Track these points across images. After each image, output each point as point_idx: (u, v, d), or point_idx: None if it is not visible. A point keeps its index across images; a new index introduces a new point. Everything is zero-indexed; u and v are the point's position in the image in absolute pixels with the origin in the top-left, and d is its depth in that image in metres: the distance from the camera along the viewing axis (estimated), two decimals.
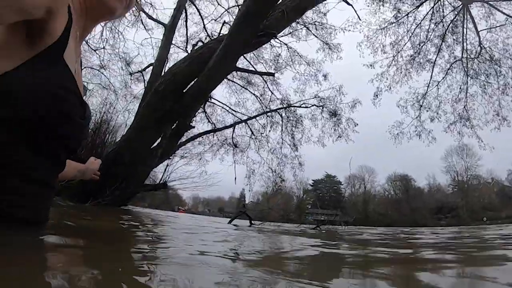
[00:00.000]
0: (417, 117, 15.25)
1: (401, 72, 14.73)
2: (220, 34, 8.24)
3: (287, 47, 13.81)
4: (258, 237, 2.79)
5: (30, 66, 0.90)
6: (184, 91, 5.98)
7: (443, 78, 14.55)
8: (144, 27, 12.58)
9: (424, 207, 49.75)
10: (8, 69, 0.87)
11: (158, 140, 7.23)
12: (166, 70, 6.86)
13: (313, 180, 61.32)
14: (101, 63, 13.20)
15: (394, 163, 74.53)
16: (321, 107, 14.65)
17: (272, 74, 10.94)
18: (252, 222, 8.11)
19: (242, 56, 12.74)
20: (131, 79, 13.48)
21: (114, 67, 13.67)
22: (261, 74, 12.44)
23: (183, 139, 9.81)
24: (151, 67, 10.53)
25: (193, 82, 5.92)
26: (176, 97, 5.92)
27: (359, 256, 1.74)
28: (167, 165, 8.57)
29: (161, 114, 5.92)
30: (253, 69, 12.28)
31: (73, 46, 1.02)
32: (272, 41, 13.43)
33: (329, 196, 58.86)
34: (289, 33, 12.86)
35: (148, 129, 6.02)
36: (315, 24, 13.03)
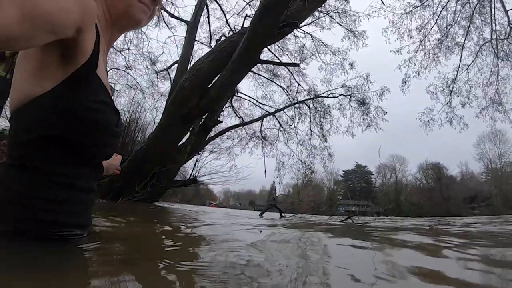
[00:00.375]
0: (447, 103, 14.56)
1: (429, 57, 14.07)
2: (243, 28, 8.19)
3: (311, 36, 13.62)
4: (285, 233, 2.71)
5: (68, 85, 0.95)
6: (209, 86, 6.00)
7: (472, 61, 13.77)
8: (167, 25, 12.77)
9: (457, 196, 48.00)
10: (47, 89, 0.94)
11: (186, 136, 7.32)
12: (190, 66, 6.90)
13: (343, 171, 60.90)
14: (126, 63, 13.53)
15: (425, 151, 72.39)
16: (348, 97, 14.38)
17: (297, 65, 10.79)
18: (283, 214, 8.09)
19: (266, 49, 12.70)
20: (157, 77, 13.75)
21: (140, 67, 14.00)
22: (286, 65, 12.32)
23: (212, 134, 9.89)
24: (176, 65, 10.67)
25: (218, 76, 5.92)
26: (201, 92, 5.94)
27: None
28: (196, 161, 8.67)
29: (187, 110, 5.97)
30: (279, 61, 12.17)
31: (102, 58, 1.06)
32: (295, 31, 13.27)
33: (360, 186, 58.11)
34: (312, 22, 12.66)
35: (174, 126, 6.09)
36: (338, 12, 12.73)
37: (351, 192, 51.92)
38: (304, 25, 12.43)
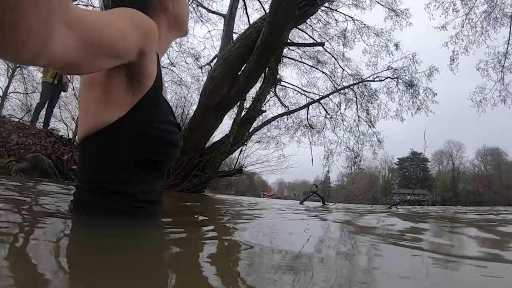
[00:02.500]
0: (499, 80, 13.29)
1: (476, 31, 12.88)
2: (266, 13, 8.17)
3: (352, 19, 13.16)
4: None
5: (140, 110, 1.00)
6: (238, 74, 6.07)
7: None
8: (202, 21, 13.05)
9: None
10: (120, 115, 0.98)
11: (223, 125, 7.44)
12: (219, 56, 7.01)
13: (398, 159, 58.43)
14: (170, 61, 14.05)
15: (481, 135, 66.32)
16: (395, 79, 13.65)
17: (322, 44, 10.36)
18: (325, 202, 7.96)
19: (307, 35, 12.50)
20: (202, 72, 14.08)
21: (183, 63, 14.47)
22: (311, 45, 11.99)
23: (258, 124, 9.95)
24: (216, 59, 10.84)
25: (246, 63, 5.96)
26: (231, 80, 6.03)
27: None
28: (241, 151, 8.77)
29: (218, 99, 6.08)
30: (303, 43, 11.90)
31: None
32: (336, 15, 12.92)
33: (416, 174, 55.09)
34: (352, 4, 12.23)
35: (208, 116, 6.23)
36: None
37: (406, 180, 49.56)
38: (343, 7, 12.11)
